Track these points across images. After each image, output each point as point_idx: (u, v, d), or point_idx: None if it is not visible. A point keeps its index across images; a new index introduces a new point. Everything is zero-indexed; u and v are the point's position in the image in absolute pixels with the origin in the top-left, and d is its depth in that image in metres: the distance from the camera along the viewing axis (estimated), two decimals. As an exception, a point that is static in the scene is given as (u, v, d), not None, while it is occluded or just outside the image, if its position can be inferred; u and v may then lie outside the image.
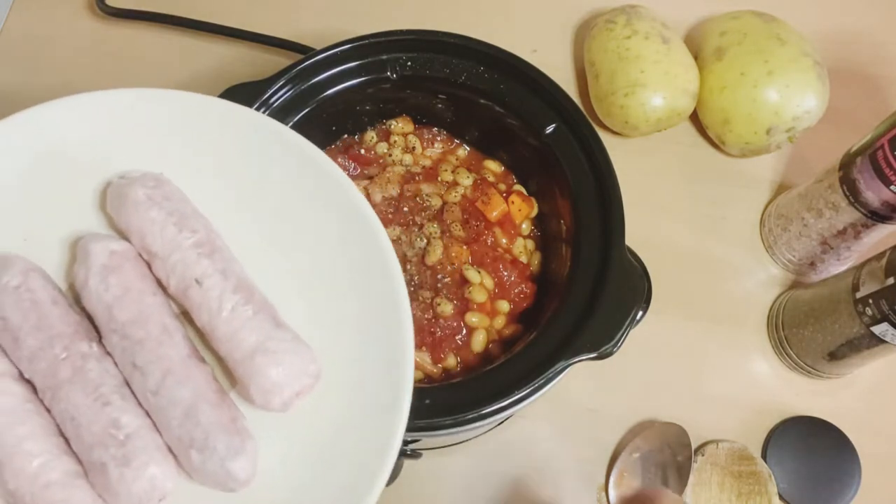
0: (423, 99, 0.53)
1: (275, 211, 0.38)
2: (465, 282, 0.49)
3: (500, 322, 0.49)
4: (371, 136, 0.54)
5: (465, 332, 0.48)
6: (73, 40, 0.67)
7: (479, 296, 0.49)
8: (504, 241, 0.51)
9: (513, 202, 0.52)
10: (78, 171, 0.38)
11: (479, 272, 0.49)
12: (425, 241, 0.50)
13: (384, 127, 0.54)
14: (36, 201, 0.37)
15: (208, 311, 0.34)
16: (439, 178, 0.53)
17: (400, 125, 0.54)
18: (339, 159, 0.53)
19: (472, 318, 0.48)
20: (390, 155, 0.53)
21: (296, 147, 0.38)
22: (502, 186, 0.54)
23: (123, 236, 0.37)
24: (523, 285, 0.50)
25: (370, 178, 0.52)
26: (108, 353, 0.35)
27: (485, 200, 0.52)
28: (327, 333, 0.36)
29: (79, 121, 0.38)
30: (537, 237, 0.53)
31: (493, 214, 0.51)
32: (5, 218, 0.37)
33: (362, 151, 0.54)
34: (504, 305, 0.50)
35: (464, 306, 0.49)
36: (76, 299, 0.36)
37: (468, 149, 0.55)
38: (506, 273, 0.50)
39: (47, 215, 0.37)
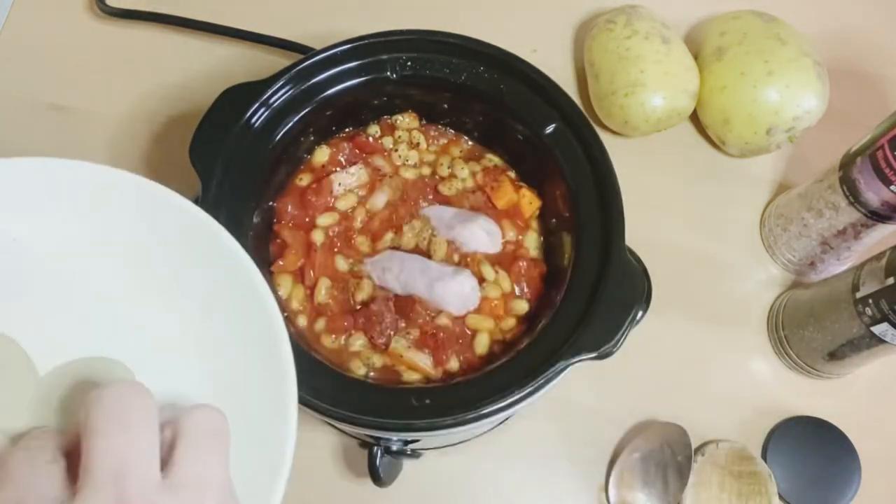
0: (423, 99, 0.53)
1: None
2: (480, 280, 0.49)
3: (508, 323, 0.48)
4: (375, 129, 0.53)
5: (468, 334, 0.48)
6: (73, 40, 0.67)
7: (492, 292, 0.48)
8: (512, 233, 0.51)
9: (524, 195, 0.51)
10: None
11: (495, 270, 0.49)
12: (428, 238, 0.50)
13: (389, 121, 0.54)
14: None
15: None
16: (437, 175, 0.53)
17: (406, 120, 0.54)
18: (344, 144, 0.53)
19: (476, 321, 0.48)
20: (396, 150, 0.53)
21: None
22: (512, 174, 0.53)
23: None
24: (537, 284, 0.49)
25: (378, 170, 0.52)
26: None
27: (494, 186, 0.51)
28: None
29: None
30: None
31: (502, 202, 0.51)
32: None
33: (370, 140, 0.53)
34: (522, 305, 0.49)
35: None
36: None
37: (470, 143, 0.55)
38: (523, 268, 0.49)
39: None
